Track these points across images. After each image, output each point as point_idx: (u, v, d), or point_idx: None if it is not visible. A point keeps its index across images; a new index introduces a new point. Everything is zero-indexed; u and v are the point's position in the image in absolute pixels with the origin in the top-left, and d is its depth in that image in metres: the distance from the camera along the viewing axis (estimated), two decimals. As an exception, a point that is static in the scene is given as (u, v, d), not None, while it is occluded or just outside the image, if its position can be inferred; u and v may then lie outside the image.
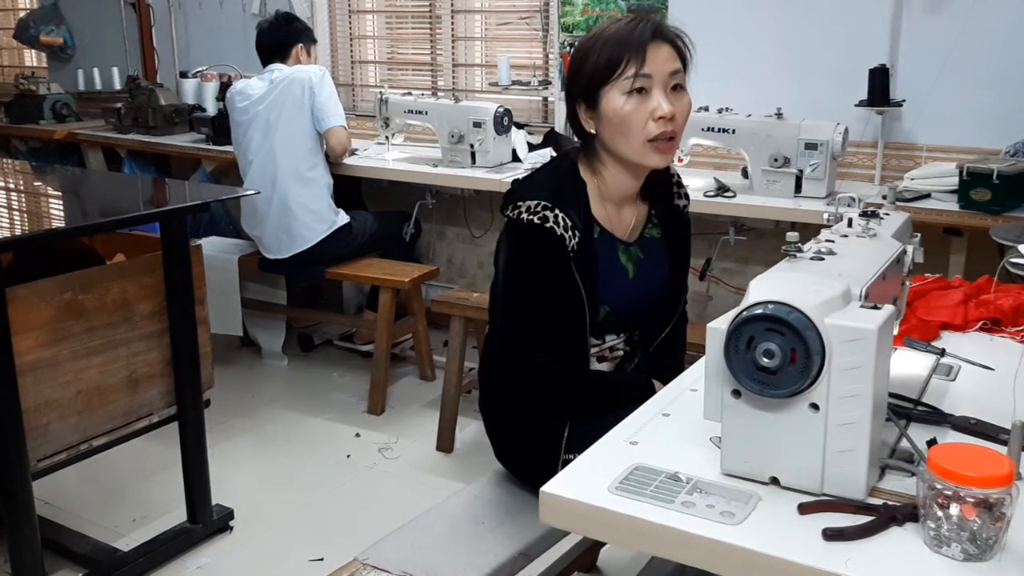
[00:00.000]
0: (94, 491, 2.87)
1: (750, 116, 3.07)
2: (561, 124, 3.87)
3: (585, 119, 1.71)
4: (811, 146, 2.95)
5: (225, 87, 4.16)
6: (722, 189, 3.08)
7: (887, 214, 1.50)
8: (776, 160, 3.00)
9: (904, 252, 1.42)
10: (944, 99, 3.15)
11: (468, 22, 4.33)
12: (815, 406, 1.11)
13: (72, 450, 2.26)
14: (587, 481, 1.19)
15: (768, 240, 3.35)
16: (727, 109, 3.10)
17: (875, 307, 1.12)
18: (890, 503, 1.12)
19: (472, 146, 3.59)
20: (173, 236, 2.40)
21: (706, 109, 3.11)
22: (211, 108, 4.55)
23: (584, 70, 1.67)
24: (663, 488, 1.16)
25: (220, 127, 4.09)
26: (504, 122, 3.59)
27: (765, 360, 1.09)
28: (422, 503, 1.96)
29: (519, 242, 1.70)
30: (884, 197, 1.61)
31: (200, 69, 4.75)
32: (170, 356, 2.45)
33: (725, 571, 1.07)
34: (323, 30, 4.59)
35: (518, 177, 1.83)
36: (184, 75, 4.80)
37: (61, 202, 2.86)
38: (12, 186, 3.04)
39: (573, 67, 1.71)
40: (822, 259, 1.23)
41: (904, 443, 1.25)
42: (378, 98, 3.80)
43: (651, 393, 1.57)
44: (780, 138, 2.99)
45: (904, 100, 3.17)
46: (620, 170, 1.73)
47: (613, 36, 1.64)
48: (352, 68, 4.71)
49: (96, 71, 5.33)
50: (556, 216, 1.65)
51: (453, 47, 4.34)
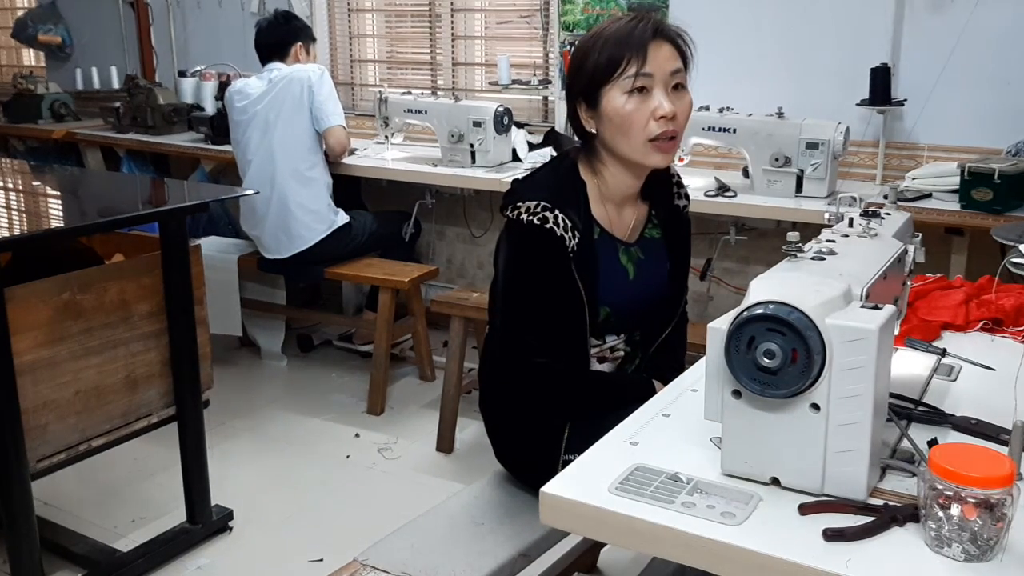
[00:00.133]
0: (93, 492, 2.87)
1: (751, 115, 3.07)
2: (561, 123, 3.87)
3: (586, 118, 1.70)
4: (812, 146, 2.95)
5: (224, 86, 4.16)
6: (723, 189, 3.08)
7: (888, 214, 1.50)
8: (777, 160, 2.99)
9: (905, 252, 1.42)
10: (945, 99, 3.15)
11: (468, 21, 4.33)
12: (816, 406, 1.10)
13: (71, 451, 2.25)
14: (587, 481, 1.18)
15: (769, 240, 3.34)
16: (728, 108, 3.10)
17: (876, 307, 1.12)
18: (891, 503, 1.12)
19: (472, 145, 3.58)
20: (172, 236, 2.40)
21: (707, 108, 3.11)
22: (210, 107, 4.55)
23: (585, 69, 1.67)
24: (663, 488, 1.16)
25: (219, 126, 4.09)
26: (504, 121, 3.58)
27: (766, 360, 1.09)
28: (422, 504, 1.96)
29: (519, 242, 1.70)
30: (885, 197, 1.61)
31: (199, 68, 4.74)
32: (169, 356, 2.45)
33: (726, 572, 1.07)
34: (322, 29, 4.58)
35: (518, 177, 1.82)
36: (183, 74, 4.80)
37: (59, 202, 2.86)
38: (10, 186, 3.04)
39: (573, 66, 1.71)
40: (823, 259, 1.23)
41: (905, 443, 1.25)
42: (377, 97, 3.80)
43: (651, 393, 1.57)
44: (781, 137, 2.99)
45: (905, 99, 3.17)
46: (621, 170, 1.73)
47: (614, 35, 1.64)
48: (351, 67, 4.71)
49: (94, 70, 5.32)
50: (556, 216, 1.65)
51: (453, 46, 4.34)
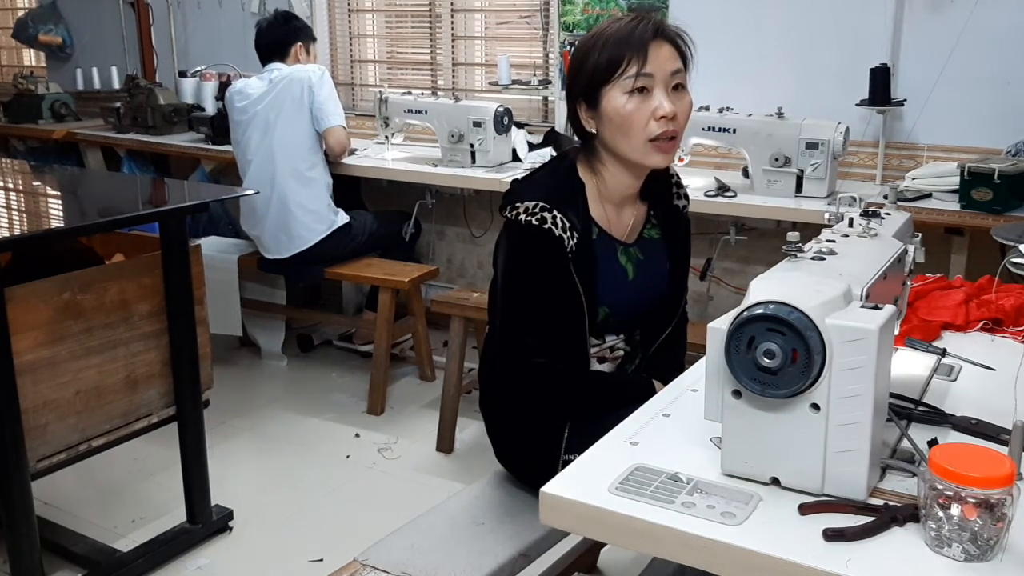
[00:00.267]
0: (93, 492, 2.87)
1: (751, 116, 3.07)
2: (561, 124, 3.87)
3: (586, 119, 1.70)
4: (812, 146, 2.95)
5: (224, 86, 4.16)
6: (723, 189, 3.08)
7: (888, 214, 1.50)
8: (777, 160, 2.99)
9: (905, 252, 1.42)
10: (945, 99, 3.15)
11: (468, 21, 4.33)
12: (816, 406, 1.10)
13: (71, 450, 2.25)
14: (587, 481, 1.18)
15: (769, 240, 3.34)
16: (728, 108, 3.10)
17: (876, 307, 1.12)
18: (891, 503, 1.12)
19: (472, 146, 3.58)
20: (172, 236, 2.40)
21: (707, 108, 3.11)
22: (210, 107, 4.55)
23: (585, 69, 1.67)
24: (663, 488, 1.16)
25: (219, 127, 4.09)
26: (504, 121, 3.58)
27: (766, 360, 1.09)
28: (422, 503, 1.96)
29: (518, 243, 1.70)
30: (885, 197, 1.61)
31: (199, 68, 4.74)
32: (169, 356, 2.44)
33: (726, 572, 1.07)
34: (322, 29, 4.58)
35: (517, 177, 1.82)
36: (183, 74, 4.80)
37: (60, 202, 2.86)
38: (11, 186, 3.04)
39: (574, 66, 1.71)
40: (823, 259, 1.23)
41: (905, 443, 1.25)
42: (378, 97, 3.80)
43: (651, 393, 1.57)
44: (781, 138, 2.99)
45: (905, 99, 3.17)
46: (621, 170, 1.73)
47: (614, 35, 1.64)
48: (351, 67, 4.71)
49: (95, 70, 5.32)
50: (554, 217, 1.65)
51: (453, 46, 4.34)
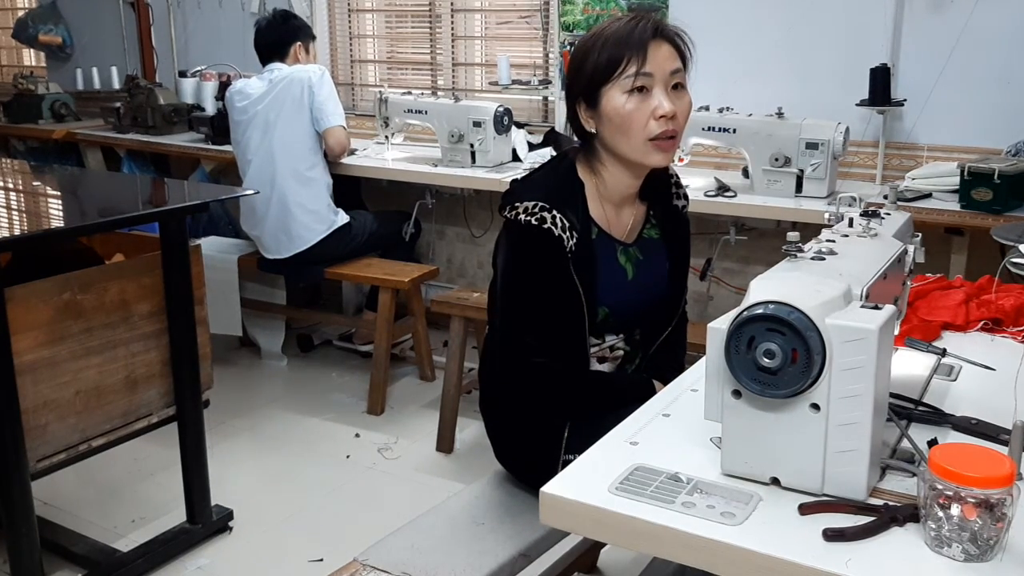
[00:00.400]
0: (93, 492, 2.87)
1: (751, 115, 3.07)
2: (561, 123, 3.87)
3: (585, 118, 1.70)
4: (812, 146, 2.95)
5: (224, 86, 4.16)
6: (723, 189, 3.08)
7: (888, 214, 1.50)
8: (777, 160, 2.99)
9: (905, 252, 1.41)
10: (945, 98, 3.15)
11: (468, 21, 4.33)
12: (816, 406, 1.10)
13: (71, 450, 2.25)
14: (587, 481, 1.18)
15: (769, 240, 3.34)
16: (728, 108, 3.10)
17: (876, 307, 1.12)
18: (891, 503, 1.12)
19: (472, 146, 3.58)
20: (172, 236, 2.40)
21: (707, 108, 3.11)
22: (210, 108, 4.55)
23: (585, 69, 1.67)
24: (663, 488, 1.16)
25: (219, 127, 4.09)
26: (504, 121, 3.58)
27: (766, 360, 1.09)
28: (422, 503, 1.96)
29: (517, 242, 1.70)
30: (885, 197, 1.61)
31: (199, 68, 4.74)
32: (169, 356, 2.44)
33: (726, 572, 1.07)
34: (322, 29, 4.58)
35: (517, 177, 1.82)
36: (183, 74, 4.80)
37: (60, 202, 2.86)
38: (11, 186, 3.04)
39: (573, 66, 1.71)
40: (823, 259, 1.23)
41: (905, 443, 1.25)
42: (378, 97, 3.80)
43: (651, 393, 1.57)
44: (781, 138, 2.99)
45: (905, 99, 3.17)
46: (620, 169, 1.73)
47: (614, 35, 1.64)
48: (351, 67, 4.71)
49: (95, 70, 5.32)
50: (554, 217, 1.65)
51: (453, 46, 4.34)
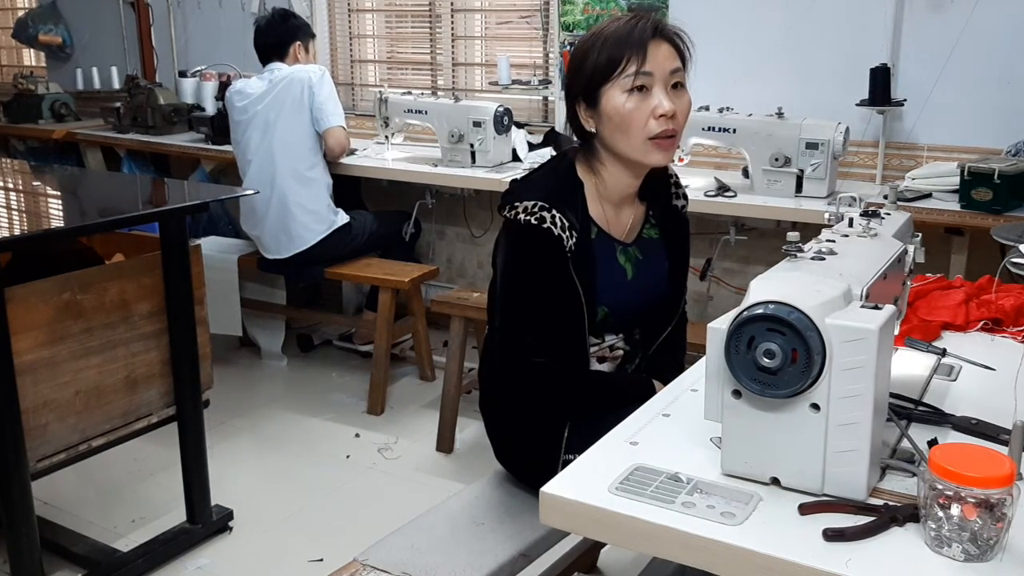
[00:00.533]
0: (93, 492, 2.87)
1: (751, 115, 3.07)
2: (561, 123, 3.87)
3: (585, 118, 1.70)
4: (812, 146, 2.95)
5: (224, 86, 4.16)
6: (723, 189, 3.08)
7: (888, 214, 1.50)
8: (777, 160, 2.99)
9: (905, 252, 1.41)
10: (945, 98, 3.15)
11: (468, 21, 4.33)
12: (816, 406, 1.10)
13: (71, 450, 2.25)
14: (587, 481, 1.18)
15: (769, 240, 3.34)
16: (728, 108, 3.10)
17: (876, 307, 1.12)
18: (891, 503, 1.12)
19: (472, 146, 3.58)
20: (172, 236, 2.40)
21: (707, 108, 3.11)
22: (210, 107, 4.55)
23: (584, 69, 1.67)
24: (663, 488, 1.16)
25: (219, 127, 4.09)
26: (504, 121, 3.58)
27: (766, 360, 1.09)
28: (422, 503, 1.96)
29: (517, 242, 1.70)
30: (885, 197, 1.61)
31: (199, 68, 4.74)
32: (169, 356, 2.44)
33: (725, 572, 1.07)
34: (322, 29, 4.58)
35: (516, 177, 1.83)
36: (183, 74, 4.80)
37: (60, 202, 2.86)
38: (11, 186, 3.04)
39: (573, 66, 1.71)
40: (823, 259, 1.23)
41: (905, 443, 1.25)
42: (378, 97, 3.80)
43: (651, 393, 1.57)
44: (781, 138, 2.99)
45: (905, 99, 3.17)
46: (620, 169, 1.73)
47: (613, 34, 1.64)
48: (351, 67, 4.71)
49: (95, 70, 5.32)
50: (553, 216, 1.65)
51: (453, 46, 4.34)
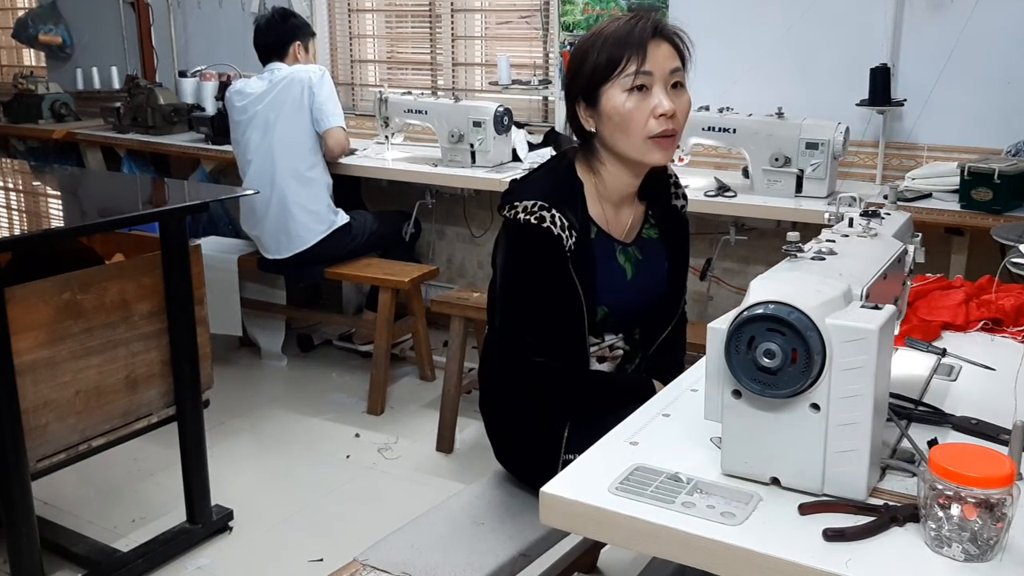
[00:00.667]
0: (93, 492, 2.87)
1: (751, 115, 3.07)
2: (561, 123, 3.87)
3: (585, 118, 1.70)
4: (812, 146, 2.95)
5: (224, 86, 4.16)
6: (723, 189, 3.08)
7: (888, 214, 1.50)
8: (777, 160, 2.99)
9: (905, 252, 1.41)
10: (945, 99, 3.15)
11: (468, 21, 4.33)
12: (816, 406, 1.10)
13: (71, 450, 2.25)
14: (587, 481, 1.18)
15: (769, 240, 3.34)
16: (728, 108, 3.10)
17: (876, 307, 1.12)
18: (891, 503, 1.12)
19: (472, 145, 3.58)
20: (172, 236, 2.40)
21: (707, 108, 3.11)
22: (210, 107, 4.55)
23: (584, 68, 1.67)
24: (663, 488, 1.16)
25: (219, 127, 4.09)
26: (504, 121, 3.58)
27: (766, 360, 1.09)
28: (422, 503, 1.96)
29: (516, 242, 1.70)
30: (885, 197, 1.61)
31: (199, 68, 4.74)
32: (169, 356, 2.44)
33: (725, 572, 1.07)
34: (322, 29, 4.58)
35: (516, 177, 1.83)
36: (183, 74, 4.80)
37: (60, 202, 2.86)
38: (11, 186, 3.04)
39: (573, 65, 1.71)
40: (823, 259, 1.23)
41: (905, 443, 1.25)
42: (378, 97, 3.80)
43: (651, 393, 1.57)
44: (781, 138, 2.99)
45: (905, 99, 3.17)
46: (620, 168, 1.73)
47: (613, 34, 1.64)
48: (351, 67, 4.71)
49: (95, 70, 5.32)
50: (553, 216, 1.65)
51: (453, 46, 4.34)
